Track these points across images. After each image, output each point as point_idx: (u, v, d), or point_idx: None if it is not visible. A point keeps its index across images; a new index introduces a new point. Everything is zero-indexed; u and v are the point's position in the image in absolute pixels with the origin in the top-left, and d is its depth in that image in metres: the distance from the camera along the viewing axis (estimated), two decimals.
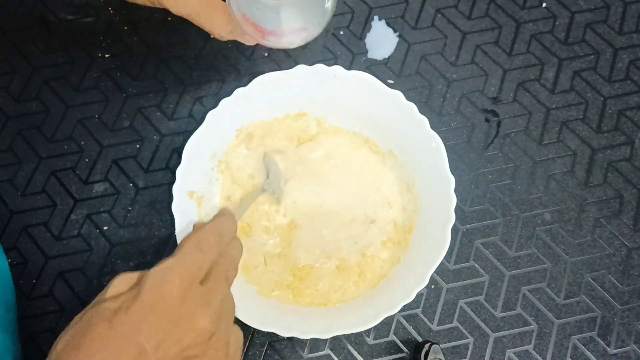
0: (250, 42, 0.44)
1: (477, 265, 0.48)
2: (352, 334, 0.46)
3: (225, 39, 0.44)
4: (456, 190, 0.42)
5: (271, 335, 0.46)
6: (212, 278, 0.33)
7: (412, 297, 0.40)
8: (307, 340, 0.46)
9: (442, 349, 0.43)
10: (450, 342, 0.46)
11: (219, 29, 0.42)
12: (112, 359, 0.27)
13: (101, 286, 0.47)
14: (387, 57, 0.54)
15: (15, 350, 0.41)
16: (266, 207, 0.47)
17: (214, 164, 0.46)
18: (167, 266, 0.31)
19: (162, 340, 0.29)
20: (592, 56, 0.54)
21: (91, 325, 0.29)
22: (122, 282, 0.32)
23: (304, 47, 0.54)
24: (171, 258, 0.32)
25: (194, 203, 0.44)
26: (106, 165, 0.51)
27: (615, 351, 0.46)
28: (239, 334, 0.34)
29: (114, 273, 0.48)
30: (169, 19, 0.55)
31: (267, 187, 0.47)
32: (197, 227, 0.37)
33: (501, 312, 0.47)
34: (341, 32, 0.55)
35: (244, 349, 0.46)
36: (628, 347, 0.46)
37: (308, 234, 0.47)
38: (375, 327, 0.45)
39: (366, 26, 0.55)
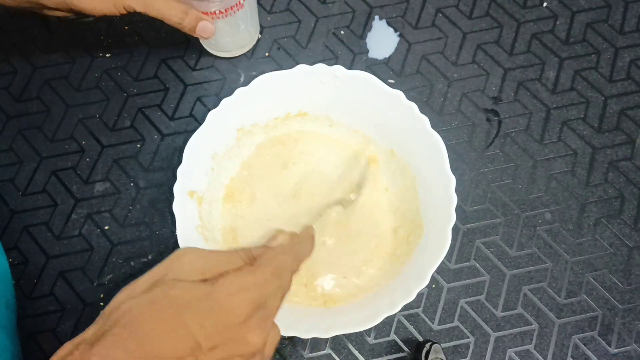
0: (204, 33, 0.47)
1: (477, 265, 0.48)
2: (352, 333, 0.46)
3: (183, 28, 0.46)
4: (457, 190, 0.42)
5: None
6: (272, 299, 0.34)
7: (413, 296, 0.40)
8: (307, 339, 0.46)
9: (442, 349, 0.43)
10: (451, 341, 0.46)
11: (173, 16, 0.45)
12: (168, 344, 0.29)
13: (102, 286, 0.47)
14: (387, 56, 0.54)
15: (14, 350, 0.41)
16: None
17: (214, 164, 0.46)
18: (246, 282, 0.32)
19: (217, 344, 0.30)
20: (593, 55, 0.54)
21: (158, 303, 0.30)
22: (192, 268, 0.32)
23: (304, 47, 0.54)
24: (250, 275, 0.32)
25: (194, 203, 0.44)
26: (107, 164, 0.51)
27: (616, 350, 0.46)
28: (276, 335, 0.35)
29: (114, 273, 0.48)
30: None
31: (354, 198, 0.45)
32: (281, 249, 0.37)
33: (502, 311, 0.47)
34: (342, 32, 0.55)
35: None
36: (629, 347, 0.46)
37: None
38: (376, 326, 0.45)
39: (367, 26, 0.55)
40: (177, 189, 0.42)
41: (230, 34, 0.50)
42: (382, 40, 0.55)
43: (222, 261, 0.33)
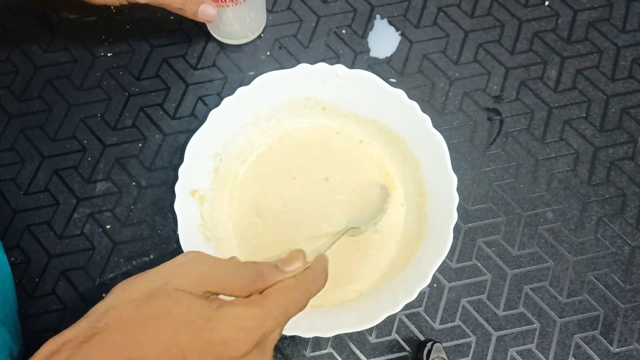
0: (206, 17, 0.47)
1: (479, 264, 0.48)
2: (354, 332, 0.46)
3: (185, 13, 0.47)
4: (458, 189, 0.42)
5: None
6: (274, 334, 0.32)
7: (415, 295, 0.40)
8: (309, 338, 0.46)
9: (444, 348, 0.43)
10: (452, 340, 0.46)
11: (174, 2, 0.46)
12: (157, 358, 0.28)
13: (104, 285, 0.47)
14: (389, 55, 0.54)
15: (13, 346, 0.41)
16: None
17: (216, 163, 0.46)
18: (251, 317, 0.30)
19: None
20: (595, 54, 0.54)
21: (155, 318, 0.28)
22: (195, 280, 0.30)
23: (305, 47, 0.54)
24: (257, 308, 0.30)
25: (196, 202, 0.44)
26: (109, 164, 0.51)
27: (617, 350, 0.46)
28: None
29: (116, 272, 0.48)
30: (171, 17, 0.55)
31: (364, 225, 0.45)
32: (295, 282, 0.33)
33: (503, 310, 0.47)
34: (343, 31, 0.55)
35: None
36: (631, 346, 0.46)
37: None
38: (377, 325, 0.45)
39: (368, 25, 0.55)
40: (178, 188, 0.42)
41: (240, 21, 0.51)
42: (384, 39, 0.55)
43: (228, 274, 0.31)
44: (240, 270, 0.32)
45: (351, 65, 0.54)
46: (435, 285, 0.48)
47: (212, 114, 0.44)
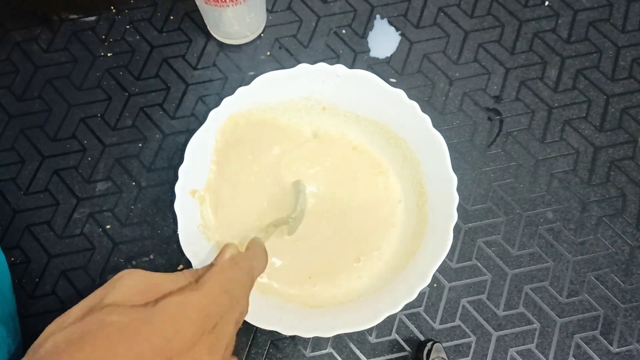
0: None
1: (479, 264, 0.48)
2: (354, 332, 0.46)
3: None
4: (458, 189, 0.42)
5: (273, 334, 0.46)
6: (224, 322, 0.30)
7: (414, 295, 0.40)
8: (309, 338, 0.46)
9: (444, 348, 0.43)
10: (452, 340, 0.46)
11: None
12: None
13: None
14: (389, 55, 0.54)
15: (11, 343, 0.41)
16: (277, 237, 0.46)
17: (216, 164, 0.46)
18: (189, 302, 0.28)
19: None
20: (595, 54, 0.54)
21: (89, 334, 0.26)
22: (131, 290, 0.29)
23: (305, 47, 0.54)
24: (195, 292, 0.29)
25: (196, 202, 0.44)
26: (109, 164, 0.51)
27: (618, 350, 0.46)
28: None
29: (116, 272, 0.48)
30: (171, 17, 0.55)
31: (292, 221, 0.44)
32: (230, 262, 0.33)
33: (503, 310, 0.47)
34: (343, 31, 0.55)
35: (246, 349, 0.46)
36: (631, 346, 0.46)
37: (318, 237, 0.47)
38: (377, 325, 0.45)
39: (368, 25, 0.55)
40: (178, 188, 0.42)
41: (240, 21, 0.51)
42: (384, 39, 0.55)
43: (165, 282, 0.30)
44: (179, 277, 0.31)
45: (351, 65, 0.54)
46: (435, 285, 0.48)
47: (212, 113, 0.44)
